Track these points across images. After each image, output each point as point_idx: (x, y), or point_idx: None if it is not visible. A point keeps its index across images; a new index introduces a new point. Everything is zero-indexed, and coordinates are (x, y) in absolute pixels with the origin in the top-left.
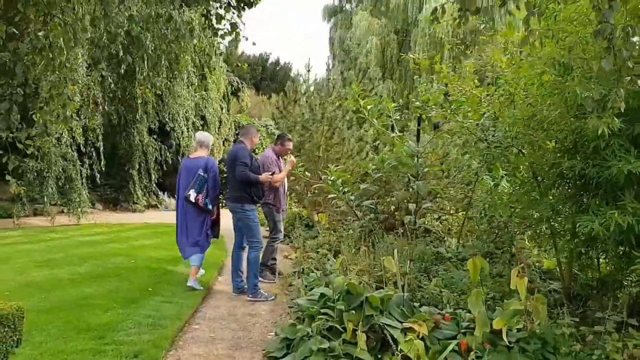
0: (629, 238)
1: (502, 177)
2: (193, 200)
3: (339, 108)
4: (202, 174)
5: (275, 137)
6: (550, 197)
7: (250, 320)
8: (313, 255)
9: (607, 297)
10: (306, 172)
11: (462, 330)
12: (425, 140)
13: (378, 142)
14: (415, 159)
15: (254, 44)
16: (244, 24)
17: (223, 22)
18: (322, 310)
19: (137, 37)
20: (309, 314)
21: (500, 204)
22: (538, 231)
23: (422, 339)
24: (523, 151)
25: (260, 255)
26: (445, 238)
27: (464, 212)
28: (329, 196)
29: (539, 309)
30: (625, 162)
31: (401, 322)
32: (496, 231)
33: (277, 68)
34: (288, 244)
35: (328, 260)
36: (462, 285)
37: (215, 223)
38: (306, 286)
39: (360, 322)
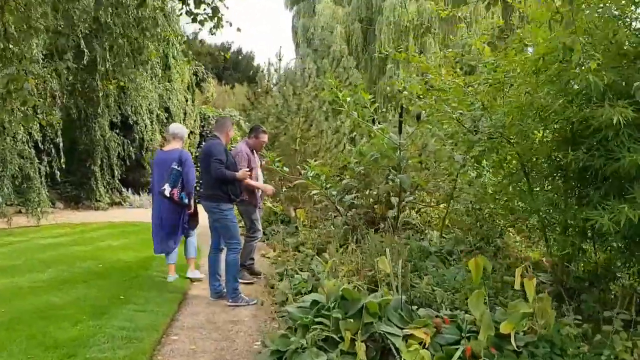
0: (639, 232)
1: (484, 168)
2: (168, 195)
3: (315, 99)
4: (177, 167)
5: (249, 129)
6: (546, 190)
7: (233, 328)
8: (296, 254)
9: (601, 290)
10: (284, 168)
11: (466, 335)
12: (408, 132)
13: (355, 133)
14: (398, 151)
15: (238, 29)
16: (227, 8)
17: (202, 6)
18: (316, 320)
19: (106, 24)
20: (303, 324)
21: (487, 197)
22: (527, 224)
23: (424, 346)
24: (514, 142)
25: (239, 257)
26: (426, 231)
27: (446, 204)
28: (312, 192)
29: (548, 310)
30: (636, 153)
31: (401, 329)
32: (481, 224)
33: (240, 57)
34: (265, 242)
35: (312, 260)
36: (455, 283)
37: (194, 216)
38: (292, 289)
39: (359, 331)
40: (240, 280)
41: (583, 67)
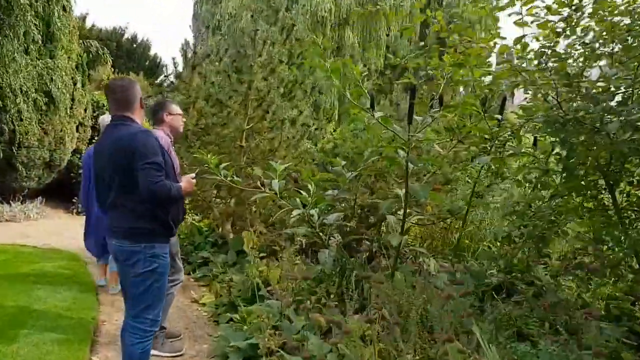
0: None
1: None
2: None
3: (272, 74)
4: None
5: (152, 110)
6: None
7: None
8: (265, 318)
9: None
10: (235, 177)
11: None
12: (423, 124)
13: (315, 125)
14: (406, 149)
15: None
16: None
17: None
18: None
19: None
20: None
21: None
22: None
23: None
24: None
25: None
26: (422, 259)
27: (462, 223)
28: (293, 213)
29: None
30: None
31: None
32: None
33: (135, 45)
34: (189, 274)
35: (292, 321)
36: None
37: None
38: None
39: None
40: (161, 355)
41: None
